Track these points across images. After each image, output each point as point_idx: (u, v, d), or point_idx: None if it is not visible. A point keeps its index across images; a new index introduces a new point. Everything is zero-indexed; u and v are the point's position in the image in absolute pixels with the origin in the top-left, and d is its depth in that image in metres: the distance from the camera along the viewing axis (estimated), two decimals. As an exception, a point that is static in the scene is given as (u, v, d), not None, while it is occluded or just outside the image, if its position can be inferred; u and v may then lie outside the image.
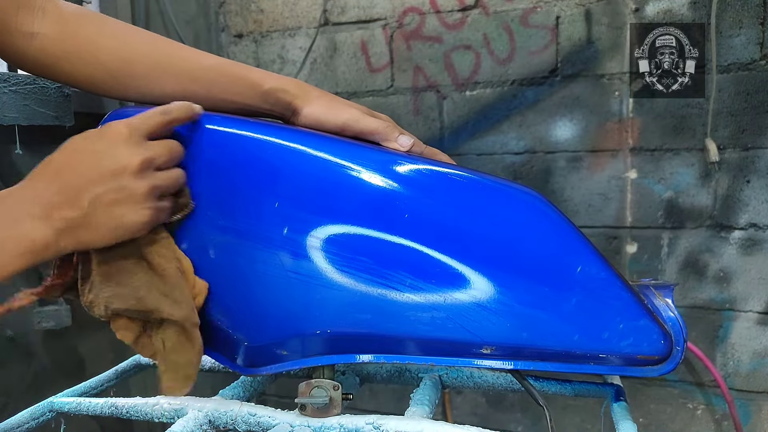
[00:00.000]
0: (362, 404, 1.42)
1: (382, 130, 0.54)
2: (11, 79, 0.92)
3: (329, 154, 0.51)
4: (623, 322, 0.50)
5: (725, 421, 1.23)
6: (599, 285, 0.51)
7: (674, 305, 0.55)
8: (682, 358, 0.52)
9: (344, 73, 1.37)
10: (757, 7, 1.09)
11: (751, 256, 1.16)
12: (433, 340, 0.50)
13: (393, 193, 0.50)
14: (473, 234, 0.50)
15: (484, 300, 0.49)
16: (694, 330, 1.22)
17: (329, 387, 0.52)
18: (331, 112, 0.55)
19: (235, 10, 1.45)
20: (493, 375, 0.66)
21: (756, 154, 1.13)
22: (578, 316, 0.50)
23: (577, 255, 0.51)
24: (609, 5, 1.18)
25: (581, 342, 0.50)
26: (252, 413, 0.53)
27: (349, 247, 0.50)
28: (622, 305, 0.51)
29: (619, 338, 0.50)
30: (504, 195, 0.52)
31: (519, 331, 0.50)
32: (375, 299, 0.49)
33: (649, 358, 0.51)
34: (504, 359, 0.51)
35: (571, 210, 1.26)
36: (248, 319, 0.52)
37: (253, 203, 0.51)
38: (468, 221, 0.50)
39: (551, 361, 0.51)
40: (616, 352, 0.51)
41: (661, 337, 0.51)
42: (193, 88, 0.56)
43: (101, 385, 0.69)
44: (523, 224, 0.51)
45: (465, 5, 1.27)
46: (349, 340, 0.51)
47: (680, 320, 0.54)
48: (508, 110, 1.28)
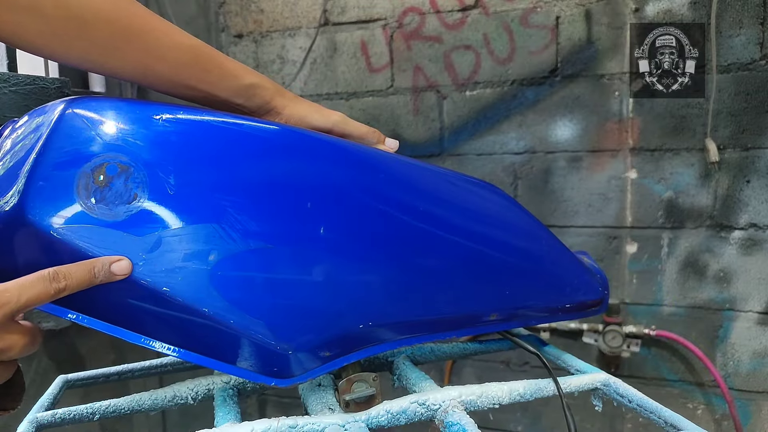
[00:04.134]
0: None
1: (371, 135, 0.57)
2: (11, 79, 0.92)
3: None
4: (576, 279, 0.65)
5: (725, 421, 1.23)
6: (557, 252, 0.64)
7: (595, 263, 0.72)
8: (609, 299, 0.71)
9: (344, 73, 1.37)
10: (757, 7, 1.09)
11: (751, 256, 1.16)
12: (455, 316, 0.57)
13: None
14: (479, 221, 0.59)
15: (488, 276, 0.58)
16: (694, 330, 1.22)
17: (369, 379, 0.54)
18: (319, 114, 0.54)
19: (235, 10, 1.45)
20: (449, 346, 0.73)
21: (756, 154, 1.13)
22: (550, 278, 0.63)
23: (539, 232, 0.63)
24: (609, 5, 1.18)
25: (555, 298, 0.64)
26: (293, 425, 0.50)
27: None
28: (573, 265, 0.65)
29: (575, 291, 0.65)
30: (482, 188, 0.61)
31: (515, 297, 0.61)
32: (405, 287, 0.54)
33: (593, 302, 0.66)
34: (505, 323, 0.61)
35: (571, 210, 1.26)
36: (294, 322, 0.49)
37: (284, 206, 0.49)
38: (475, 212, 0.59)
39: (536, 317, 0.63)
40: (575, 302, 0.65)
41: (598, 285, 0.67)
42: (159, 67, 0.48)
43: None
44: (504, 212, 0.61)
45: (465, 5, 1.27)
46: (384, 329, 0.54)
47: (604, 273, 0.71)
48: (508, 110, 1.28)
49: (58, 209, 0.43)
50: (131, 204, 0.44)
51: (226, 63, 0.52)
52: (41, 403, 0.63)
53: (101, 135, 0.45)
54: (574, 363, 0.65)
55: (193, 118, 0.48)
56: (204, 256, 0.45)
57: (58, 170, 0.43)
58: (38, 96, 0.95)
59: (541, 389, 0.58)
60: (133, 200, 0.44)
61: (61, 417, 0.59)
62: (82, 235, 0.43)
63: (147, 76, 0.49)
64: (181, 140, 0.47)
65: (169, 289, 0.45)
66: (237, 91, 0.52)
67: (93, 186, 0.44)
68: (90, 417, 0.60)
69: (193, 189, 0.46)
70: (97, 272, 0.42)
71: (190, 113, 0.48)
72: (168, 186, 0.45)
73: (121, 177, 0.44)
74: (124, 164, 0.45)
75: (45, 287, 0.39)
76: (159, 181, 0.45)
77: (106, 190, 0.44)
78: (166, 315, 0.46)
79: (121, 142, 0.45)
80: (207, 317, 0.46)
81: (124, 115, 0.46)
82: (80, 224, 0.43)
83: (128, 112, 0.47)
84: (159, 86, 0.50)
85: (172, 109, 0.48)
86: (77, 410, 0.60)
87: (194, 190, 0.46)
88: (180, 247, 0.45)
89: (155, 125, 0.46)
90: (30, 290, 0.38)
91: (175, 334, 0.47)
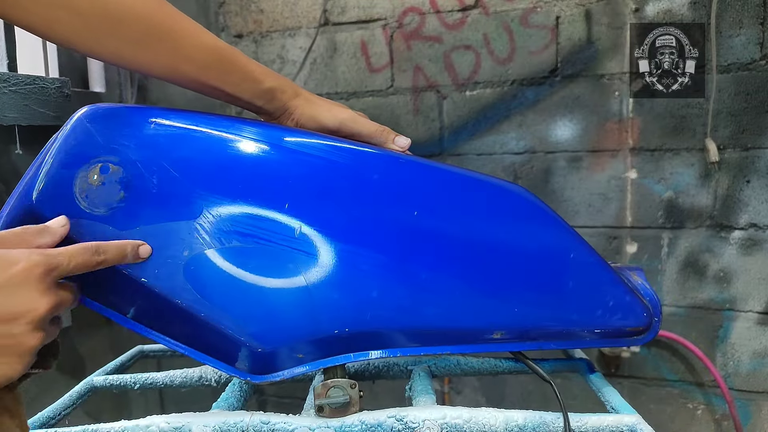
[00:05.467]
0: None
1: (380, 133, 0.57)
2: (11, 79, 0.92)
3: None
4: (612, 300, 0.56)
5: (725, 421, 1.23)
6: (590, 268, 0.56)
7: (647, 283, 0.62)
8: (659, 327, 0.59)
9: (344, 73, 1.37)
10: (757, 7, 1.09)
11: (751, 256, 1.16)
12: (448, 330, 0.53)
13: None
14: (480, 228, 0.54)
15: (492, 288, 0.53)
16: (694, 330, 1.22)
17: (346, 386, 0.52)
18: (329, 113, 0.55)
19: (235, 10, 1.45)
20: (478, 361, 0.67)
21: (756, 154, 1.13)
22: (575, 297, 0.55)
23: (568, 242, 0.56)
24: (609, 5, 1.18)
25: (579, 320, 0.55)
26: (265, 421, 0.51)
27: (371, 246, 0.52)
28: (610, 285, 0.57)
29: (610, 314, 0.56)
30: (499, 191, 0.56)
31: (525, 315, 0.54)
32: (393, 296, 0.51)
33: (635, 329, 0.58)
34: (513, 342, 0.55)
35: (571, 210, 1.26)
36: (261, 323, 0.51)
37: (261, 205, 0.51)
38: (473, 216, 0.54)
39: (555, 340, 0.55)
40: (608, 327, 0.56)
41: (643, 310, 0.58)
42: (185, 67, 0.51)
43: (58, 414, 0.64)
44: (519, 217, 0.55)
45: (465, 5, 1.27)
46: (363, 337, 0.51)
47: (656, 295, 0.60)
48: (508, 110, 1.28)
49: (61, 204, 0.48)
50: (118, 201, 0.49)
51: (248, 66, 0.54)
52: (110, 366, 0.73)
53: (100, 139, 0.50)
54: (612, 399, 0.59)
55: (177, 125, 0.52)
56: (178, 252, 0.49)
57: (62, 170, 0.49)
58: (38, 96, 0.95)
59: (545, 423, 0.53)
60: (119, 198, 0.49)
61: (110, 382, 0.69)
62: (76, 227, 0.49)
63: (175, 75, 0.51)
64: (166, 143, 0.51)
65: (146, 281, 0.49)
66: (257, 94, 0.54)
67: (87, 184, 0.49)
68: (132, 386, 0.69)
69: (173, 188, 0.50)
70: (128, 252, 0.47)
71: (178, 119, 0.52)
72: (151, 185, 0.50)
73: (111, 177, 0.49)
74: (116, 165, 0.50)
75: (89, 257, 0.44)
76: (144, 181, 0.50)
77: (99, 188, 0.49)
78: (147, 304, 0.50)
79: (115, 145, 0.50)
80: (181, 309, 0.50)
81: (122, 121, 0.51)
82: (75, 218, 0.49)
83: (126, 117, 0.51)
84: (186, 85, 0.52)
85: (164, 114, 0.52)
86: (123, 378, 0.69)
87: (174, 189, 0.50)
88: (155, 242, 0.49)
89: (146, 130, 0.51)
90: (77, 258, 0.42)
91: (158, 320, 0.51)
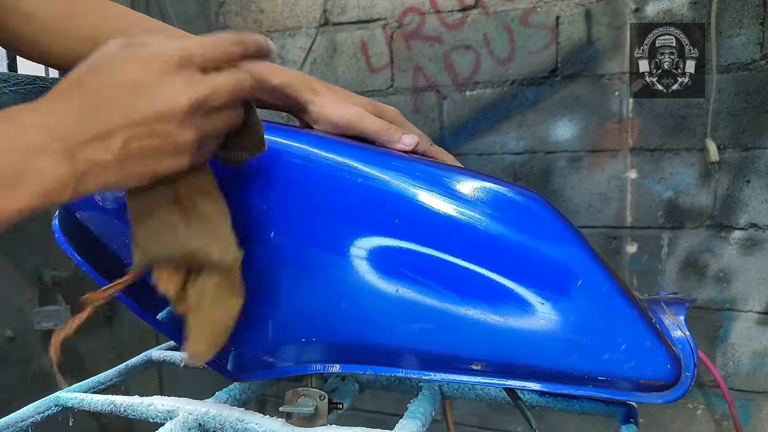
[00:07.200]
0: (362, 405, 1.42)
1: (385, 132, 0.53)
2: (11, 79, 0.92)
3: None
4: (626, 342, 0.45)
5: (725, 421, 1.23)
6: (601, 300, 0.45)
7: (686, 324, 0.49)
8: (692, 385, 0.45)
9: (344, 73, 1.37)
10: (757, 7, 1.09)
11: (751, 256, 1.16)
12: (421, 352, 0.46)
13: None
14: (470, 239, 0.46)
15: (471, 312, 0.45)
16: (694, 330, 1.22)
17: (315, 396, 0.50)
18: (337, 109, 0.53)
19: (235, 11, 1.46)
20: (497, 390, 0.61)
21: (756, 154, 1.13)
22: (577, 334, 0.44)
23: (578, 266, 0.46)
24: (609, 5, 1.18)
25: (579, 363, 0.44)
26: (240, 419, 0.53)
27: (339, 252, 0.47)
28: (626, 323, 0.45)
29: (621, 360, 0.44)
30: (503, 199, 0.48)
31: (511, 348, 0.45)
32: (364, 308, 0.46)
33: (653, 383, 0.45)
34: (494, 376, 0.45)
35: (571, 210, 1.26)
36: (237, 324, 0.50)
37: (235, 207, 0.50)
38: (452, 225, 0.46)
39: (545, 381, 0.45)
40: (617, 375, 0.44)
41: (668, 360, 0.45)
42: None
43: (109, 380, 0.70)
44: (522, 231, 0.48)
45: (465, 5, 1.27)
46: (337, 349, 0.49)
47: (691, 342, 0.48)
48: (508, 110, 1.28)
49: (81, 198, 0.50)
50: (122, 194, 0.49)
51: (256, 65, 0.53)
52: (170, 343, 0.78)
53: None
54: None
55: None
56: None
57: None
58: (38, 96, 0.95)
59: None
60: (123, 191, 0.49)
61: (163, 358, 0.75)
62: (89, 218, 0.52)
63: None
64: None
65: None
66: (269, 93, 0.52)
67: None
68: (179, 363, 0.75)
69: None
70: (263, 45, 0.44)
71: None
72: None
73: None
74: None
75: (229, 46, 0.41)
76: None
77: None
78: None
79: None
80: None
81: None
82: (89, 210, 0.52)
83: None
84: None
85: None
86: (171, 355, 0.75)
87: None
88: None
89: None
90: (218, 48, 0.40)
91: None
